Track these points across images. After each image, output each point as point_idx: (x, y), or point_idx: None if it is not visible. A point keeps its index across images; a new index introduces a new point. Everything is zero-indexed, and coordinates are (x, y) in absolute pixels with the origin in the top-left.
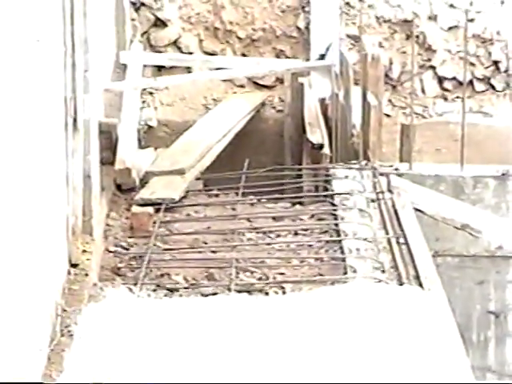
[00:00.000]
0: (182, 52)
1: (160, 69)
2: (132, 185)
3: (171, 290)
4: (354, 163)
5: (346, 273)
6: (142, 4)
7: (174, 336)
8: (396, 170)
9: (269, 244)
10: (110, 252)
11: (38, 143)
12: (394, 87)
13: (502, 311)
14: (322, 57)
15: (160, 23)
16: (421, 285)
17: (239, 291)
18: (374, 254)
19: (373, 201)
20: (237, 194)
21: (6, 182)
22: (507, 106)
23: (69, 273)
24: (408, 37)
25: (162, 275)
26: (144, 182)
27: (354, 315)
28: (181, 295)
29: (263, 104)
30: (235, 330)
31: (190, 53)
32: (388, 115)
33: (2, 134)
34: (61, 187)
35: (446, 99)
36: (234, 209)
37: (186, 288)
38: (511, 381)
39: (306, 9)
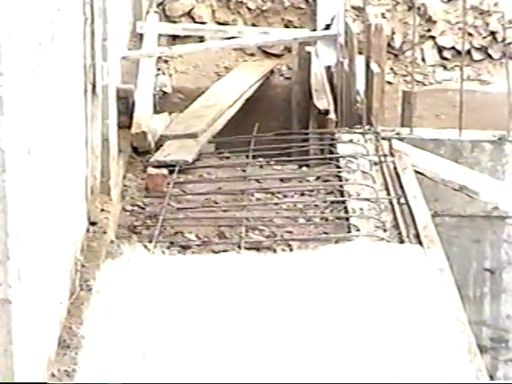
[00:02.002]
0: (195, 22)
1: (174, 38)
2: (147, 148)
3: (184, 247)
4: (358, 128)
5: (349, 231)
6: None
7: (186, 291)
8: (397, 134)
9: (277, 204)
10: (127, 211)
11: (61, 108)
12: (395, 56)
13: (497, 268)
14: (328, 27)
15: None
16: (420, 243)
17: (248, 248)
18: (377, 214)
19: (375, 163)
20: (247, 156)
21: (33, 144)
22: (503, 74)
23: (88, 230)
24: (409, 8)
25: (175, 233)
26: (159, 144)
27: (357, 272)
28: (193, 252)
29: (272, 72)
30: (244, 286)
31: (203, 23)
32: (390, 82)
33: (27, 102)
34: (80, 150)
35: (445, 68)
36: (244, 170)
37: (198, 245)
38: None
39: None
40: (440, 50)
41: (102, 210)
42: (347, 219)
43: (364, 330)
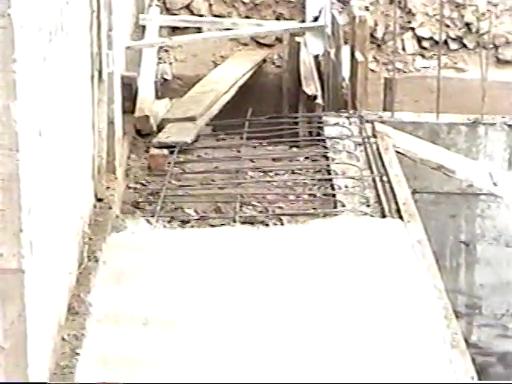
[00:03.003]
0: (193, 15)
1: (174, 29)
2: (150, 130)
3: (184, 222)
4: (344, 111)
5: (335, 207)
6: None
7: (185, 261)
8: (380, 117)
9: (269, 181)
10: (131, 188)
11: (70, 93)
12: (378, 46)
13: (471, 241)
14: (316, 19)
15: None
16: (401, 217)
17: (243, 222)
18: (361, 191)
19: (359, 144)
20: (241, 138)
21: (44, 127)
22: (477, 63)
23: (95, 206)
24: (391, 1)
25: (175, 209)
26: (160, 127)
27: (343, 244)
28: (192, 226)
29: (264, 60)
30: (239, 257)
31: (201, 15)
32: (373, 70)
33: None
34: (88, 132)
35: (423, 56)
36: (238, 151)
37: (196, 220)
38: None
39: None
40: (419, 40)
41: (108, 187)
42: (334, 195)
43: (348, 297)
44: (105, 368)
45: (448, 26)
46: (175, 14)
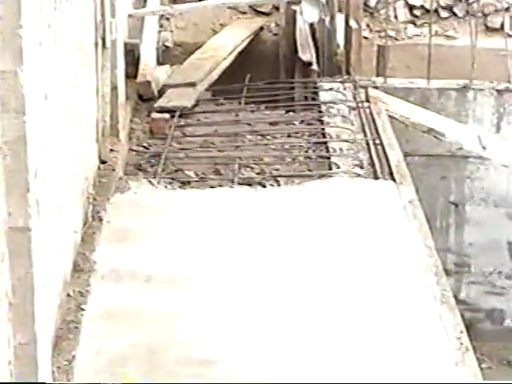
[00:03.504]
0: None
1: None
2: (151, 95)
3: (184, 183)
4: (338, 77)
5: (330, 169)
6: None
7: (186, 220)
8: (373, 83)
9: (266, 144)
10: (133, 151)
11: (75, 59)
12: (371, 14)
13: (460, 202)
14: None
15: None
16: (393, 179)
17: (241, 184)
18: (354, 153)
19: (353, 109)
20: (239, 102)
21: (49, 91)
22: (466, 30)
23: (99, 168)
24: None
25: (176, 170)
26: (161, 92)
27: (337, 204)
28: (192, 187)
29: (262, 28)
30: (238, 215)
31: None
32: (366, 38)
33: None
34: (92, 97)
35: (415, 24)
36: (237, 115)
37: (196, 181)
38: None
39: None
40: (411, 8)
41: (112, 150)
42: (328, 158)
43: (342, 256)
44: (109, 322)
45: None
46: None
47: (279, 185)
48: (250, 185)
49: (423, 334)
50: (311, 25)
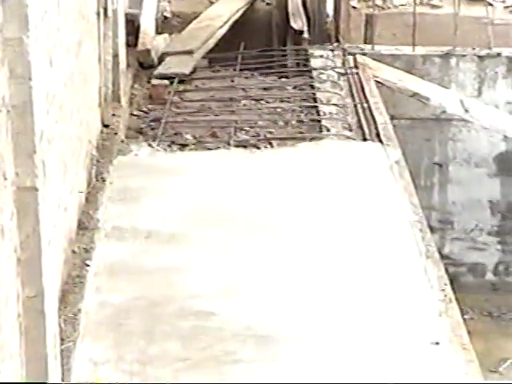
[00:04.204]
0: None
1: None
2: (151, 63)
3: (183, 145)
4: (328, 45)
5: (321, 131)
6: None
7: (185, 181)
8: (361, 50)
9: (260, 109)
10: (134, 115)
11: (78, 28)
12: None
13: (444, 162)
14: None
15: None
16: (380, 141)
17: (237, 146)
18: (344, 117)
19: (342, 75)
20: (235, 69)
21: (54, 58)
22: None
23: (102, 132)
24: None
25: (175, 134)
26: (161, 60)
27: (328, 164)
28: (190, 149)
29: None
30: (234, 175)
31: None
32: (354, 7)
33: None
34: (95, 64)
35: None
36: (232, 81)
37: (194, 144)
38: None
39: None
40: None
41: (114, 114)
42: (319, 121)
43: (333, 211)
44: (112, 276)
45: None
46: None
47: (272, 147)
48: (245, 147)
49: (409, 287)
50: None
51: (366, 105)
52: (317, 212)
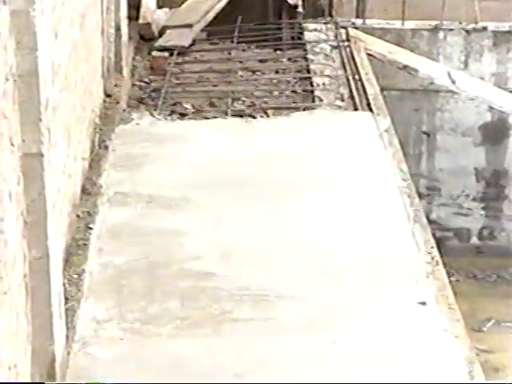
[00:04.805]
0: None
1: None
2: (152, 35)
3: (182, 114)
4: (321, 19)
5: (314, 101)
6: None
7: (184, 148)
8: (353, 24)
9: (256, 80)
10: (136, 86)
11: (81, 2)
12: None
13: (432, 131)
14: None
15: None
16: (371, 110)
17: (234, 115)
18: (336, 88)
19: (335, 47)
20: (232, 42)
21: (59, 31)
22: None
23: (104, 101)
24: None
25: (175, 103)
26: (161, 33)
27: (321, 132)
28: (189, 118)
29: None
30: (231, 144)
31: None
32: None
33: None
34: (98, 37)
35: None
36: (229, 53)
37: (193, 113)
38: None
39: None
40: None
41: (116, 85)
42: (312, 92)
43: (326, 176)
44: (114, 240)
45: None
46: None
47: (268, 116)
48: (241, 116)
49: (397, 249)
50: None
51: (357, 76)
52: (310, 177)
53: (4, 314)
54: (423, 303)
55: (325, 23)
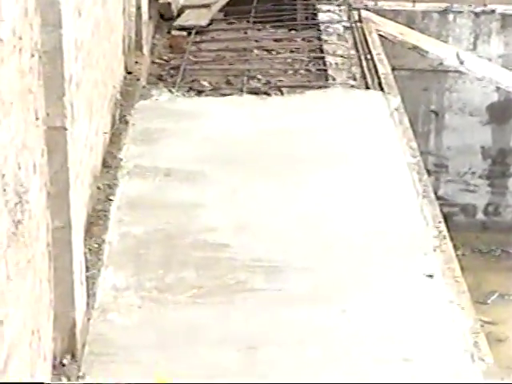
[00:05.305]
0: None
1: None
2: (171, 15)
3: (199, 91)
4: (335, 1)
5: (327, 80)
6: None
7: (201, 123)
8: (365, 5)
9: (271, 59)
10: (155, 63)
11: None
12: None
13: (440, 111)
14: None
15: None
16: (382, 89)
17: (249, 92)
18: (348, 67)
19: (348, 28)
20: (248, 22)
21: (82, 9)
22: None
23: (125, 78)
24: None
25: (192, 81)
26: (180, 12)
27: (334, 110)
28: (206, 95)
29: None
30: (246, 120)
31: None
32: None
33: None
34: (119, 15)
35: None
36: (246, 33)
37: (210, 90)
38: None
39: None
40: None
41: (136, 62)
42: (325, 71)
43: (338, 153)
44: (133, 211)
45: None
46: None
47: (282, 94)
48: (256, 93)
49: (406, 223)
50: None
51: (369, 56)
52: (322, 153)
53: (28, 281)
54: (430, 275)
55: (338, 5)
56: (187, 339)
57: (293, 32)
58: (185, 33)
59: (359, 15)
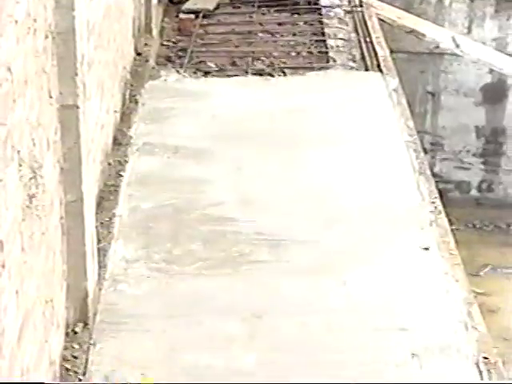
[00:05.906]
0: None
1: None
2: None
3: (206, 72)
4: None
5: (328, 62)
6: None
7: (208, 103)
8: None
9: (275, 41)
10: (164, 45)
11: None
12: None
13: (436, 92)
14: None
15: None
16: (381, 71)
17: (254, 74)
18: (348, 50)
19: (348, 12)
20: (253, 6)
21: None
22: None
23: (135, 59)
24: None
25: (199, 62)
26: None
27: (334, 91)
28: (213, 76)
29: None
30: (251, 100)
31: None
32: None
33: None
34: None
35: None
36: (251, 17)
37: (216, 71)
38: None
39: None
40: None
41: (145, 44)
42: (327, 53)
43: (339, 131)
44: (142, 186)
45: None
46: None
47: (285, 75)
48: (261, 75)
49: (404, 199)
50: None
51: (368, 39)
52: (323, 132)
53: (42, 252)
54: (426, 248)
55: None
56: (194, 308)
57: (295, 16)
58: (192, 16)
59: (360, 0)
